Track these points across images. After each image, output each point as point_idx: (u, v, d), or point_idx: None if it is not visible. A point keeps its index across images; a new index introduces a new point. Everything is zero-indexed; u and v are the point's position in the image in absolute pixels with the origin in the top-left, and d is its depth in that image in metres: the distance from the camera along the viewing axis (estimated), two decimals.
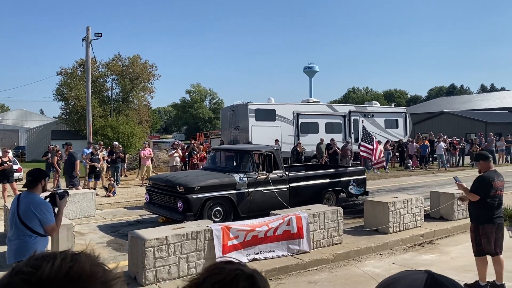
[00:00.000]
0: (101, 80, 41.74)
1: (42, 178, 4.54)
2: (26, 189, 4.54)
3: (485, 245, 5.79)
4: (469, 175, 6.34)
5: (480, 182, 5.83)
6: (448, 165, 24.02)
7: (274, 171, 10.22)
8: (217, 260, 6.39)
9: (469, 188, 5.97)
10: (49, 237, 4.68)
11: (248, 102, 21.88)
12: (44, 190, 4.60)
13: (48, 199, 4.50)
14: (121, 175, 19.38)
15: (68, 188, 12.70)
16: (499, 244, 5.88)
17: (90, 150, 16.00)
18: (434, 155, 24.55)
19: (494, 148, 25.69)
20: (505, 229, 9.23)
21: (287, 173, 10.56)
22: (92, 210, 11.20)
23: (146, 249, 5.95)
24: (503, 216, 6.06)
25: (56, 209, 4.51)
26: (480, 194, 5.78)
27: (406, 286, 0.87)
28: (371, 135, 12.66)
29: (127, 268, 6.38)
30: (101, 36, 22.50)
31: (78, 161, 13.56)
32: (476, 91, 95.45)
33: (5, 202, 11.63)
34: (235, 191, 9.65)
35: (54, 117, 56.88)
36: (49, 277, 0.77)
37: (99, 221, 10.65)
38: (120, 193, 15.42)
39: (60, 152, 17.25)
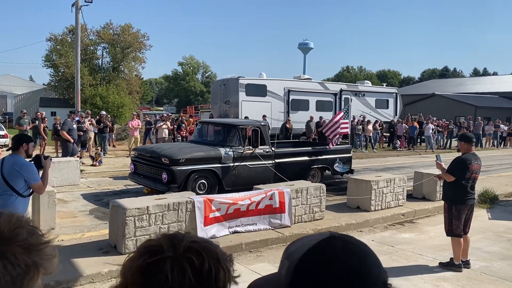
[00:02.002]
0: (91, 48, 40.97)
1: (24, 142, 4.66)
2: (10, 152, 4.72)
3: (456, 226, 5.93)
4: (454, 157, 6.39)
5: (457, 164, 5.91)
6: (436, 147, 24.24)
7: (260, 147, 10.22)
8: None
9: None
10: (30, 199, 4.81)
11: (239, 77, 21.69)
12: (28, 155, 4.72)
13: (32, 162, 4.67)
14: (109, 145, 19.27)
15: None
16: (468, 224, 6.07)
17: (77, 118, 15.81)
18: (423, 137, 24.74)
19: (481, 132, 25.95)
20: (484, 210, 9.49)
21: (273, 149, 10.57)
22: (77, 178, 11.16)
23: (127, 218, 5.95)
24: (475, 197, 6.18)
25: (41, 171, 4.71)
26: (455, 175, 5.87)
27: (305, 242, 0.88)
28: (348, 111, 12.47)
29: (107, 236, 6.41)
30: (91, 2, 22.00)
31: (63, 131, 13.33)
32: (468, 74, 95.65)
33: None
34: (220, 165, 9.66)
35: (43, 84, 55.99)
36: None
37: (83, 190, 10.63)
38: (107, 162, 15.36)
39: (46, 119, 17.07)
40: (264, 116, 19.20)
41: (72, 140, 13.23)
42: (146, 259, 0.86)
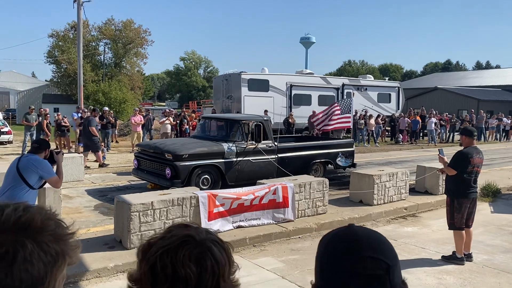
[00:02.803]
0: (93, 44, 40.95)
1: (47, 147, 4.97)
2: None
3: (457, 219, 5.97)
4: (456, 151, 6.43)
5: (459, 158, 5.93)
6: (438, 141, 24.21)
7: (263, 141, 10.26)
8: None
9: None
10: (37, 191, 4.98)
11: (242, 72, 21.69)
12: (44, 158, 4.95)
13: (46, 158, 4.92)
14: (112, 141, 19.33)
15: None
16: (472, 218, 6.09)
17: (80, 114, 15.90)
18: (425, 131, 24.72)
19: (483, 126, 25.88)
20: (487, 204, 9.51)
21: (276, 143, 10.60)
22: (81, 174, 11.23)
23: (132, 213, 6.02)
24: (477, 191, 6.19)
25: (54, 166, 4.93)
26: (457, 169, 5.89)
27: (334, 233, 1.06)
28: (350, 105, 12.45)
29: (113, 231, 6.48)
30: None
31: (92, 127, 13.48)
32: (471, 67, 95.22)
33: None
34: (223, 160, 9.71)
35: (46, 80, 55.98)
36: None
37: (87, 185, 10.70)
38: (110, 158, 15.41)
39: (49, 115, 17.14)
40: (265, 111, 19.22)
41: (98, 136, 13.60)
42: (190, 248, 0.96)
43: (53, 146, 15.57)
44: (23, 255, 0.77)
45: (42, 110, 17.86)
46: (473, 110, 29.83)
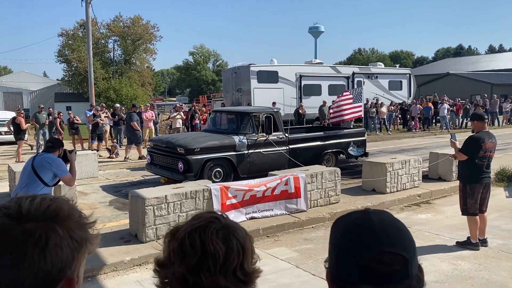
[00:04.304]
0: (102, 41, 41.25)
1: (60, 146, 5.10)
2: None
3: (470, 205, 5.92)
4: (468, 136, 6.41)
5: (470, 143, 5.87)
6: (452, 127, 23.94)
7: (273, 133, 10.27)
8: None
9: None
10: (52, 188, 5.11)
11: (250, 64, 21.65)
12: (58, 157, 5.09)
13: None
14: (124, 137, 19.47)
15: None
16: (485, 203, 6.03)
17: (92, 112, 16.06)
18: (438, 117, 24.46)
19: (497, 110, 25.51)
20: (502, 189, 9.41)
21: (286, 135, 10.61)
22: (95, 171, 11.38)
23: (146, 207, 6.10)
24: (490, 176, 6.12)
25: (68, 165, 5.07)
26: (468, 154, 5.84)
27: (349, 222, 1.03)
28: (361, 94, 12.33)
29: (128, 226, 6.57)
30: None
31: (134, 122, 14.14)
32: (484, 52, 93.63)
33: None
34: (234, 153, 9.75)
35: (57, 79, 56.56)
36: (29, 212, 0.84)
37: (102, 182, 10.84)
38: (123, 154, 15.55)
39: (62, 113, 17.35)
40: (273, 103, 19.18)
41: (140, 130, 14.56)
42: (217, 228, 1.05)
43: (67, 144, 15.84)
44: (54, 241, 0.82)
45: (50, 109, 18.12)
46: (486, 94, 29.36)
